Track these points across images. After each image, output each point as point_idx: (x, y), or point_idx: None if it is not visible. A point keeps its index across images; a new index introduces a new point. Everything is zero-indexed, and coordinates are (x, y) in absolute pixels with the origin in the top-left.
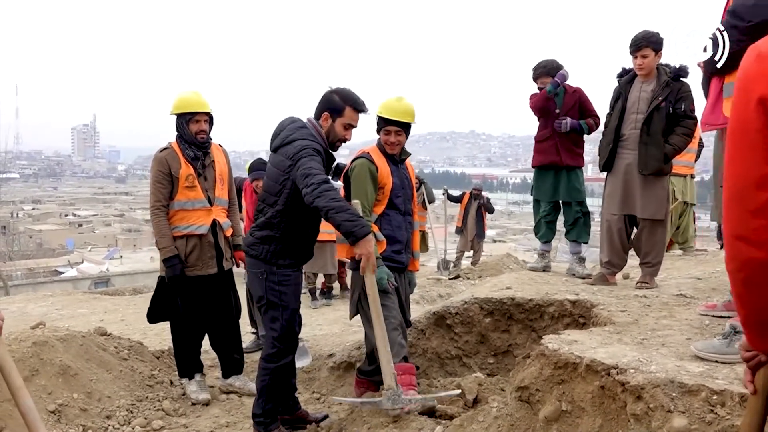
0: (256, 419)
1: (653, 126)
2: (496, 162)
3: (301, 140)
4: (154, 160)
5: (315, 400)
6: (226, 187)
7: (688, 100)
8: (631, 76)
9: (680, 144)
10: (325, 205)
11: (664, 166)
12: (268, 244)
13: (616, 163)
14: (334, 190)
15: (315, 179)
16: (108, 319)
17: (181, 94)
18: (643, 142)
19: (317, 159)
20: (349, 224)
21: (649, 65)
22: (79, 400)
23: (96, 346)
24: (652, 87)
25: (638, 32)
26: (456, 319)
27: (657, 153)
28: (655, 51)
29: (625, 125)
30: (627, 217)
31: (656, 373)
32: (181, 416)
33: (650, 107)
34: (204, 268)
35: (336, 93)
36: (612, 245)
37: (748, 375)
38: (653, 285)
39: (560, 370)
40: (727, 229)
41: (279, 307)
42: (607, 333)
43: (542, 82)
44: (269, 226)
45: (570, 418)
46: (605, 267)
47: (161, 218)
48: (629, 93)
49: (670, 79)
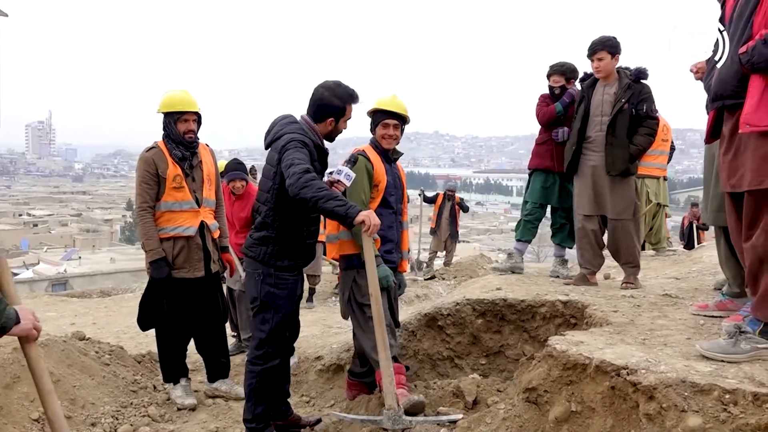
0: (248, 425)
1: (618, 128)
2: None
3: (290, 134)
4: (140, 160)
5: (305, 404)
6: (214, 188)
7: (650, 101)
8: (593, 80)
9: (644, 144)
10: (313, 196)
11: (630, 166)
12: (266, 245)
13: (582, 164)
14: (318, 180)
15: (297, 169)
16: (79, 323)
17: (169, 93)
18: (609, 143)
19: (303, 151)
20: (341, 209)
21: (606, 68)
22: (63, 408)
23: (77, 352)
24: (614, 90)
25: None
26: (448, 321)
27: (623, 154)
28: (611, 54)
29: (590, 128)
30: (600, 218)
31: (667, 373)
32: (168, 422)
33: (614, 110)
34: (191, 270)
35: (331, 93)
36: (587, 246)
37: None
38: (638, 285)
39: (569, 371)
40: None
41: (271, 309)
42: (608, 333)
43: (555, 80)
44: (265, 227)
45: (580, 418)
46: (584, 267)
47: (148, 220)
48: (592, 96)
49: (632, 82)
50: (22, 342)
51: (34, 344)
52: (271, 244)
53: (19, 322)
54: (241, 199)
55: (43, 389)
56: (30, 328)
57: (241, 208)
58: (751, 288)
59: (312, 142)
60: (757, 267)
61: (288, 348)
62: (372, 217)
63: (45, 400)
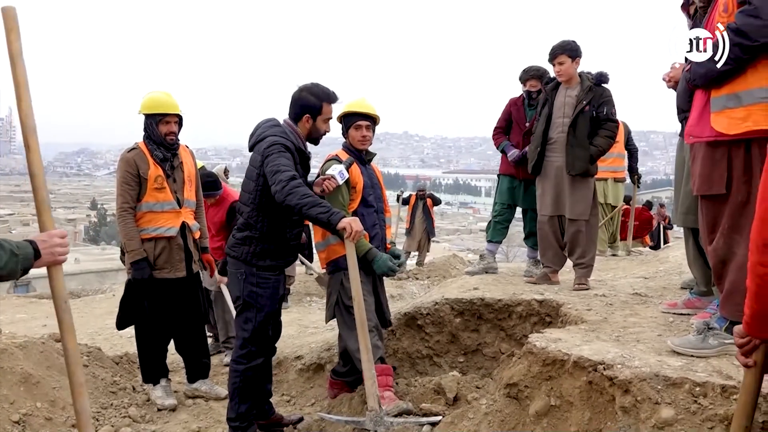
0: (232, 423)
1: (578, 129)
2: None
3: (272, 137)
4: (121, 161)
5: (285, 402)
6: (194, 189)
7: (610, 104)
8: (556, 83)
9: (603, 145)
10: (298, 203)
11: (590, 167)
12: (248, 245)
13: (545, 166)
14: (303, 186)
15: (283, 176)
16: (51, 324)
17: (151, 94)
18: (570, 144)
19: (286, 155)
20: (324, 216)
21: (567, 71)
22: (43, 409)
23: (55, 353)
24: (576, 93)
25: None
26: (427, 320)
27: (583, 154)
28: (571, 58)
29: (552, 129)
30: (559, 218)
31: (641, 367)
32: (149, 423)
33: (575, 112)
34: (173, 270)
35: (307, 92)
36: (549, 245)
37: (741, 357)
38: (588, 286)
39: (548, 367)
40: (759, 240)
41: (254, 308)
42: (584, 331)
43: (532, 85)
44: (248, 227)
45: (559, 412)
46: (546, 266)
47: (129, 220)
48: (555, 99)
49: (593, 85)
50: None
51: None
52: (253, 244)
53: (39, 256)
54: (215, 205)
55: (75, 381)
56: (50, 260)
57: (216, 213)
58: (718, 287)
59: (294, 145)
60: (721, 268)
61: (271, 347)
62: (354, 224)
63: (75, 392)
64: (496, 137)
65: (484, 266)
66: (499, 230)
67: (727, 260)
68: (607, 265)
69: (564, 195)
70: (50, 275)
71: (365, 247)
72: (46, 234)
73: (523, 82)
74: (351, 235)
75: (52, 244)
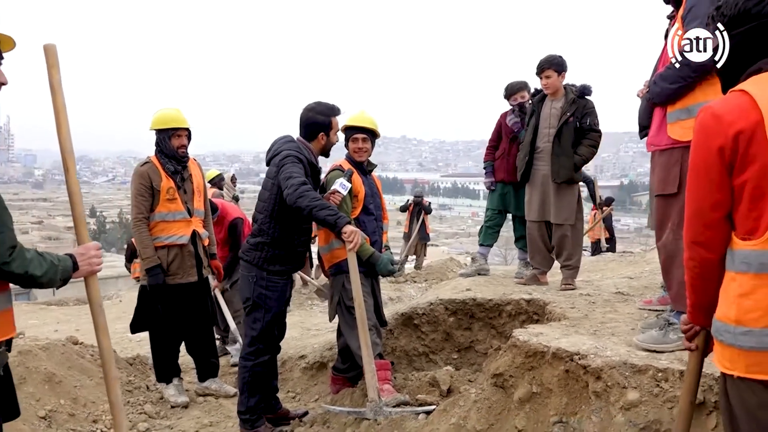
0: (242, 416)
1: (563, 139)
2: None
3: (287, 150)
4: (135, 174)
5: (291, 399)
6: (203, 199)
7: (593, 115)
8: (543, 96)
9: (587, 154)
10: (308, 204)
11: (574, 175)
12: (260, 250)
13: (533, 174)
14: (312, 191)
15: (295, 181)
16: (63, 330)
17: (162, 111)
18: (555, 153)
19: (299, 165)
20: (331, 218)
21: (554, 84)
22: (66, 406)
23: (75, 354)
24: (561, 104)
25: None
26: (423, 319)
27: (567, 163)
28: (557, 72)
29: (539, 139)
30: (546, 223)
31: (612, 357)
32: (164, 418)
33: (560, 122)
34: (185, 276)
35: (314, 112)
36: (537, 249)
37: (686, 342)
38: (574, 286)
39: (530, 358)
40: (688, 236)
41: (262, 309)
42: (564, 326)
43: (522, 96)
44: (261, 233)
45: (540, 398)
46: (535, 268)
47: (143, 230)
48: (541, 110)
49: (576, 97)
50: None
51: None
52: (264, 250)
53: (77, 267)
54: (216, 224)
55: (109, 375)
56: (87, 270)
57: (218, 231)
58: (666, 284)
59: (306, 159)
60: (669, 264)
61: (277, 345)
62: (356, 236)
63: (109, 384)
64: (486, 153)
65: (476, 268)
66: (490, 234)
67: (675, 256)
68: (597, 266)
69: (549, 201)
70: (87, 283)
71: (368, 251)
72: (83, 247)
73: (507, 97)
74: (352, 243)
75: (89, 256)
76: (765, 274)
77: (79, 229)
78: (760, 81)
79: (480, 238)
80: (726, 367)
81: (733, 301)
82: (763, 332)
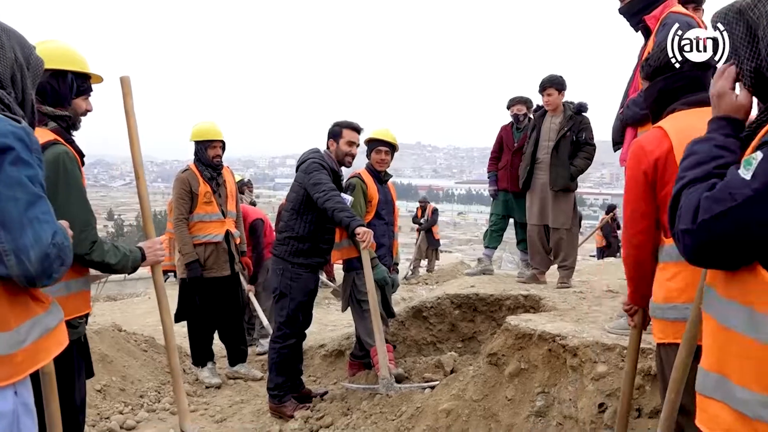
0: (271, 392)
1: (561, 151)
2: (442, 173)
3: (312, 158)
4: (176, 180)
5: (312, 381)
6: (235, 202)
7: (588, 130)
8: (543, 111)
9: (582, 166)
10: (333, 206)
11: (570, 184)
12: (286, 244)
13: (533, 182)
14: (339, 196)
15: (325, 187)
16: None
17: (200, 124)
18: (553, 164)
19: (324, 172)
20: (347, 219)
21: (554, 102)
22: (117, 382)
23: (122, 339)
24: (559, 120)
25: (545, 76)
26: (431, 312)
27: (564, 173)
28: (558, 90)
29: (539, 151)
30: (545, 227)
31: (587, 338)
32: (200, 396)
33: (558, 136)
34: (219, 270)
35: (334, 124)
36: (536, 251)
37: (629, 319)
38: (570, 284)
39: (520, 339)
40: (625, 239)
41: (287, 297)
42: (551, 315)
43: (518, 109)
44: (287, 229)
45: (527, 373)
46: (534, 268)
47: (183, 229)
48: (542, 125)
49: (573, 113)
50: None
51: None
52: (290, 244)
53: (144, 258)
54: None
55: (170, 345)
56: (153, 260)
57: None
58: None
59: (328, 166)
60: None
61: (302, 332)
62: (368, 235)
63: (170, 354)
64: (489, 164)
65: (482, 268)
66: (494, 237)
67: None
68: (598, 269)
69: (548, 207)
70: (153, 271)
71: (371, 256)
72: (150, 241)
73: (510, 107)
74: (365, 243)
75: (155, 249)
76: (682, 262)
77: (147, 225)
78: (673, 118)
79: (485, 241)
80: (659, 337)
81: (662, 285)
82: (684, 306)
